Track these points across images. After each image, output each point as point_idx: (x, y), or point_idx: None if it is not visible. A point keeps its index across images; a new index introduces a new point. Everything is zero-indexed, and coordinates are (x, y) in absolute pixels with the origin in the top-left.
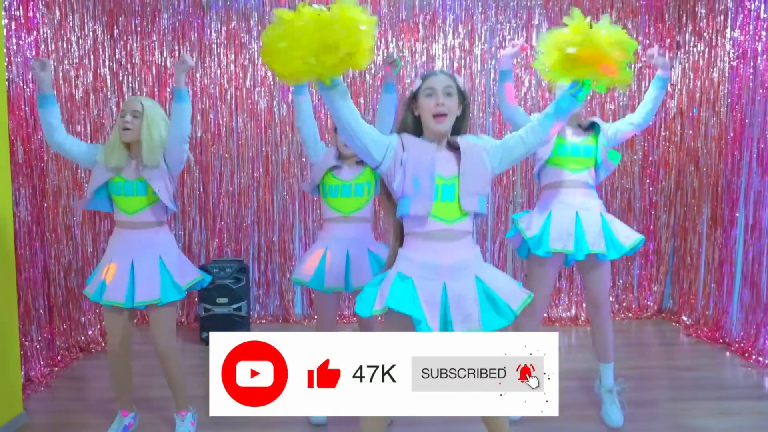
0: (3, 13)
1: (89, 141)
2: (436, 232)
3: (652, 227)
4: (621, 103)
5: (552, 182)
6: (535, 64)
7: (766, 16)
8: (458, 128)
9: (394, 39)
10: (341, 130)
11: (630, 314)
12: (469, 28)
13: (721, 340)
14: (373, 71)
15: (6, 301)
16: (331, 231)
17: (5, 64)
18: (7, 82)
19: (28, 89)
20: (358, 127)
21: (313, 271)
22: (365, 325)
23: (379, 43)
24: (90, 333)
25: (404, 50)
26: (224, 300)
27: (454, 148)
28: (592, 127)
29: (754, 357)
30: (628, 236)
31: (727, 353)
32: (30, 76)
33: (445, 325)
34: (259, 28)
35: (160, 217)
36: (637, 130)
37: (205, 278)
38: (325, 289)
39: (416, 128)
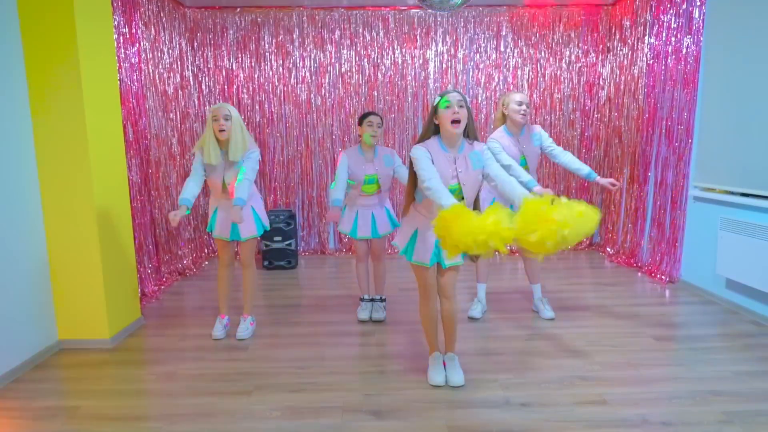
0: (114, 30)
1: (178, 125)
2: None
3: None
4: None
5: None
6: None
7: (675, 26)
8: (467, 131)
9: (399, 47)
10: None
11: (569, 246)
12: (454, 38)
13: (634, 265)
14: (383, 70)
15: (125, 240)
16: (360, 199)
17: (117, 68)
18: (119, 81)
19: (134, 86)
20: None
21: (351, 226)
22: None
23: (388, 50)
24: (185, 262)
25: (406, 55)
26: (279, 238)
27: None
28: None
29: (658, 276)
30: None
31: (639, 274)
32: (135, 76)
33: (434, 259)
34: (300, 40)
35: None
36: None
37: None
38: (359, 237)
39: (436, 134)
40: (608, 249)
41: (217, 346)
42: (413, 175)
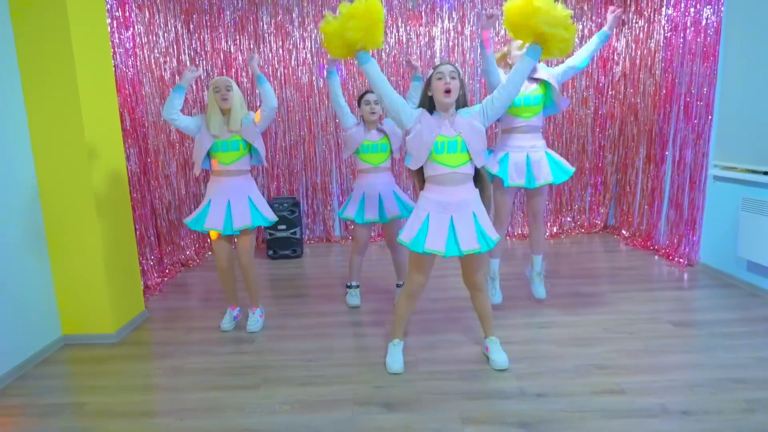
0: (107, 14)
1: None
2: (444, 175)
3: (600, 165)
4: None
5: (508, 128)
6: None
7: None
8: (459, 101)
9: (403, 24)
10: (377, 94)
11: (583, 230)
12: (461, 14)
13: (651, 248)
14: (388, 50)
15: (126, 232)
16: (365, 179)
17: (111, 53)
18: (114, 68)
19: (129, 72)
20: (389, 93)
21: (356, 209)
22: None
23: (392, 28)
24: (188, 253)
25: (411, 33)
26: (283, 227)
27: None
28: (538, 80)
29: (676, 259)
30: (566, 163)
31: (656, 257)
32: (130, 62)
33: (452, 246)
34: (299, 20)
35: (246, 167)
36: (576, 72)
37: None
38: (365, 221)
39: (431, 104)
40: (624, 232)
41: (223, 339)
42: (420, 171)
